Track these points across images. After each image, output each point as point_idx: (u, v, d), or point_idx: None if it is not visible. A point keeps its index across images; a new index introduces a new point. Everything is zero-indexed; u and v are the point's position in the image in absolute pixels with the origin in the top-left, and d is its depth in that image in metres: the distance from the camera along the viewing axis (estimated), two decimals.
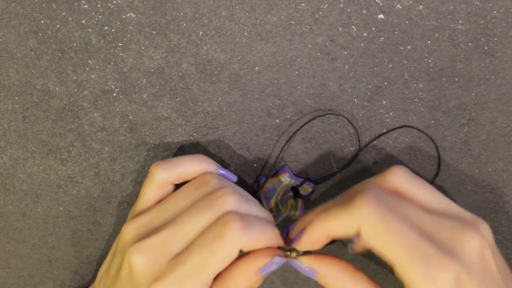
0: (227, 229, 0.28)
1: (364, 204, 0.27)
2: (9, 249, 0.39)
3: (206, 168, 0.33)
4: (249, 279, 0.29)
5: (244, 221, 0.29)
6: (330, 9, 0.34)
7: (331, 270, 0.30)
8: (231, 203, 0.30)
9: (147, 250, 0.30)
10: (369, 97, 0.36)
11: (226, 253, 0.28)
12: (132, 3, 0.34)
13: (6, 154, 0.37)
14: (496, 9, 0.34)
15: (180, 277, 0.28)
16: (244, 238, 0.28)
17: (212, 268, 0.28)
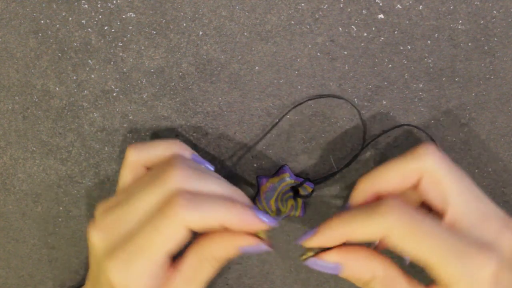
0: (170, 207, 0.28)
1: (390, 210, 0.27)
2: (9, 249, 0.39)
3: (179, 153, 0.32)
4: (227, 252, 0.29)
5: (189, 198, 0.28)
6: (330, 9, 0.34)
7: (358, 261, 0.29)
8: (178, 179, 0.29)
9: (103, 227, 0.30)
10: (369, 97, 0.36)
11: (170, 231, 0.28)
12: (132, 3, 0.34)
13: (6, 154, 0.37)
14: (496, 9, 0.34)
15: (129, 255, 0.28)
16: (189, 216, 0.28)
17: (159, 246, 0.28)
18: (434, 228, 0.27)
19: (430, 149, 0.28)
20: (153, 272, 0.29)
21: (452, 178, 0.28)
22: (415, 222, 0.27)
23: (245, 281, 0.39)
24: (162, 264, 0.29)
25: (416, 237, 0.26)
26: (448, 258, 0.26)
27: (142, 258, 0.28)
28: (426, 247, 0.26)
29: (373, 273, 0.29)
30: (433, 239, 0.26)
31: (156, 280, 0.29)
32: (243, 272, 0.39)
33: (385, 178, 0.29)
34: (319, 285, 0.39)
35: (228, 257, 0.30)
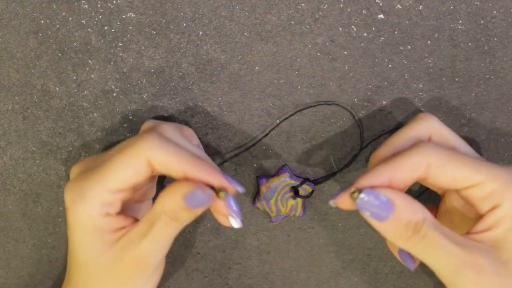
0: (139, 138, 0.29)
1: (426, 144, 0.28)
2: (9, 249, 0.39)
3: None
4: (174, 201, 0.28)
5: (162, 137, 0.29)
6: (330, 9, 0.34)
7: (410, 200, 0.28)
8: (160, 128, 0.30)
9: (84, 161, 0.32)
10: (369, 97, 0.36)
11: (132, 155, 0.28)
12: (132, 3, 0.34)
13: (6, 154, 0.37)
14: (496, 9, 0.34)
15: (87, 177, 0.29)
16: (153, 149, 0.28)
17: (116, 168, 0.28)
18: (468, 155, 0.29)
19: (429, 114, 0.32)
20: (105, 200, 0.29)
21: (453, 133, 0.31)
22: (451, 149, 0.29)
23: (245, 281, 0.39)
24: (116, 196, 0.29)
25: (458, 158, 0.28)
26: (492, 168, 0.28)
27: (97, 180, 0.29)
28: (470, 165, 0.28)
29: (423, 214, 0.27)
30: (473, 159, 0.28)
31: (106, 210, 0.29)
32: (243, 272, 0.39)
33: (399, 143, 0.31)
34: (319, 285, 0.39)
35: (176, 211, 0.29)
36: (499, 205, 0.28)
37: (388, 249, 0.38)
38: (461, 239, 0.27)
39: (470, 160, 0.28)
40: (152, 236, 0.29)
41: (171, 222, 0.29)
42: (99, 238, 0.29)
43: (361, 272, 0.39)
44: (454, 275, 0.27)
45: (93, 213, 0.29)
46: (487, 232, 0.28)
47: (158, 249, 0.30)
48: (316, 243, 0.38)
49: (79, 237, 0.29)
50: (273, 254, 0.39)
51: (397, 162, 0.28)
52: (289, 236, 0.38)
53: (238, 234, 0.38)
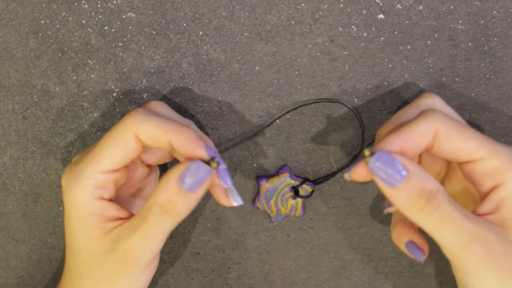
0: (127, 115, 0.29)
1: (434, 111, 0.28)
2: (9, 249, 0.39)
3: None
4: (168, 187, 0.28)
5: (147, 111, 0.29)
6: (330, 9, 0.34)
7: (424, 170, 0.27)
8: (149, 105, 0.31)
9: (82, 151, 0.32)
10: (369, 97, 0.36)
11: (119, 131, 0.29)
12: (132, 3, 0.34)
13: (6, 154, 0.37)
14: (496, 9, 0.34)
15: (81, 160, 0.30)
16: (138, 122, 0.28)
17: (106, 147, 0.29)
18: (472, 130, 0.29)
19: (433, 94, 0.32)
20: (99, 182, 0.29)
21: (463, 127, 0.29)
22: (457, 122, 0.28)
23: (245, 281, 0.39)
24: (109, 177, 0.29)
25: (464, 129, 0.28)
26: (496, 145, 0.28)
27: (90, 162, 0.29)
28: (475, 138, 0.28)
29: (437, 184, 0.27)
30: (478, 134, 0.28)
31: (100, 193, 0.29)
32: (243, 272, 0.39)
33: (405, 117, 0.30)
34: (319, 285, 0.39)
35: (171, 199, 0.28)
36: (501, 184, 0.27)
37: (388, 249, 0.38)
38: (472, 215, 0.27)
39: (475, 134, 0.28)
40: (143, 231, 0.28)
41: (163, 215, 0.28)
42: (92, 224, 0.29)
43: (361, 272, 0.39)
44: (464, 250, 0.26)
45: (87, 194, 0.29)
46: (492, 214, 0.27)
47: (148, 246, 0.29)
48: (316, 243, 0.38)
49: (74, 221, 0.30)
50: (273, 254, 0.39)
51: (407, 130, 0.28)
52: (289, 236, 0.38)
53: (238, 234, 0.38)
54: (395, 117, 0.31)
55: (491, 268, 0.26)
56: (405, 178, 0.26)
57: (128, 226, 0.29)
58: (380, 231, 0.38)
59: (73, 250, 0.30)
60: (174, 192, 0.28)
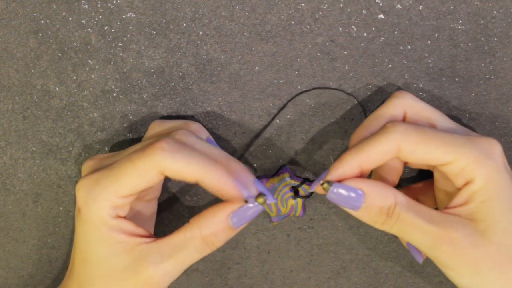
0: (151, 147, 0.28)
1: (397, 125, 0.29)
2: (9, 249, 0.39)
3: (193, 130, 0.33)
4: (217, 223, 0.28)
5: (173, 145, 0.28)
6: (330, 9, 0.34)
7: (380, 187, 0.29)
8: (177, 134, 0.30)
9: (96, 158, 0.32)
10: (369, 97, 0.36)
11: (144, 167, 0.28)
12: (132, 3, 0.34)
13: (6, 154, 0.37)
14: (496, 9, 0.34)
15: (100, 178, 0.29)
16: (165, 159, 0.28)
17: (128, 177, 0.28)
18: (439, 131, 0.29)
19: (404, 92, 0.33)
20: (116, 204, 0.29)
21: (428, 106, 0.32)
22: (421, 129, 0.29)
23: (245, 281, 0.39)
24: (126, 200, 0.29)
25: (428, 140, 0.28)
26: (462, 148, 0.28)
27: (109, 186, 0.29)
28: (439, 146, 0.28)
29: (395, 198, 0.29)
30: (444, 137, 0.29)
31: (116, 212, 0.29)
32: (243, 272, 0.39)
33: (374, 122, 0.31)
34: (319, 285, 0.39)
35: (217, 233, 0.29)
36: (471, 180, 0.28)
37: (388, 249, 0.38)
38: (437, 215, 0.28)
39: (441, 139, 0.28)
40: (177, 260, 0.29)
41: (204, 248, 0.29)
42: (110, 237, 0.29)
43: (361, 272, 0.39)
44: (432, 251, 0.28)
45: (104, 214, 0.29)
46: (462, 206, 0.29)
47: (175, 274, 0.29)
48: (316, 243, 0.38)
49: (91, 232, 0.29)
50: (273, 254, 0.39)
51: (366, 149, 0.29)
52: (289, 236, 0.38)
53: (238, 234, 0.38)
54: (365, 123, 0.32)
55: (460, 262, 0.28)
56: (363, 201, 0.28)
57: (158, 252, 0.29)
58: (380, 231, 0.38)
59: (88, 261, 0.30)
60: (221, 228, 0.29)
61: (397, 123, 0.29)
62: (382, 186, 0.29)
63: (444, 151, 0.28)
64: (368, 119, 0.32)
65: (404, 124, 0.29)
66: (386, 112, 0.32)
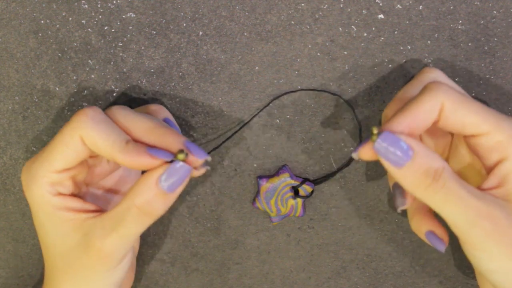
0: (76, 113, 0.29)
1: (439, 85, 0.28)
2: (9, 249, 0.39)
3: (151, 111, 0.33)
4: (148, 189, 0.28)
5: (98, 115, 0.29)
6: (330, 9, 0.34)
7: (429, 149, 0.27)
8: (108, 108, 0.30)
9: None
10: (369, 97, 0.36)
11: (68, 133, 0.29)
12: (132, 3, 0.34)
13: (6, 154, 0.37)
14: (496, 9, 0.34)
15: (35, 158, 0.30)
16: (86, 125, 0.28)
17: (57, 148, 0.29)
18: (480, 103, 0.28)
19: (434, 68, 0.32)
20: (53, 180, 0.29)
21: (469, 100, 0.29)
22: (464, 94, 0.28)
23: (245, 281, 0.39)
24: (63, 175, 0.29)
25: (469, 103, 0.28)
26: (502, 120, 0.28)
27: (43, 161, 0.29)
28: (479, 113, 0.27)
29: (443, 163, 0.27)
30: (483, 107, 0.28)
31: (57, 189, 0.30)
32: (243, 272, 0.39)
33: (408, 94, 0.31)
34: (319, 285, 0.39)
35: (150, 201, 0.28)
36: (505, 158, 0.27)
37: (388, 249, 0.38)
38: (477, 191, 0.27)
39: (480, 108, 0.28)
40: (119, 233, 0.28)
41: (142, 217, 0.28)
42: (60, 218, 0.29)
43: (361, 272, 0.39)
44: (470, 226, 0.27)
45: (44, 192, 0.29)
46: (497, 188, 0.28)
47: (123, 246, 0.29)
48: (316, 243, 0.38)
49: (41, 218, 0.30)
50: (273, 254, 0.39)
51: (413, 108, 0.28)
52: (289, 236, 0.38)
53: (238, 234, 0.38)
54: (400, 95, 0.32)
55: (497, 242, 0.27)
56: (411, 158, 0.27)
57: (102, 227, 0.29)
58: (380, 231, 0.38)
59: (47, 245, 0.31)
60: (153, 194, 0.28)
61: (439, 82, 0.28)
62: (431, 149, 0.28)
63: (484, 119, 0.27)
64: (400, 93, 0.32)
65: (447, 85, 0.28)
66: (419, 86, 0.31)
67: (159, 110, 0.33)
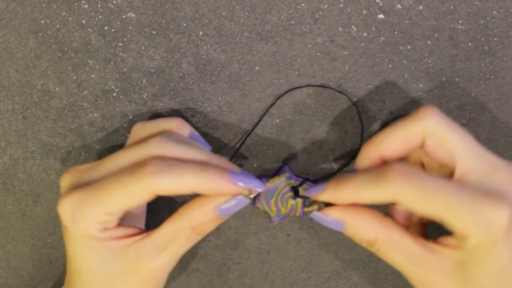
0: (140, 171, 0.28)
1: (397, 175, 0.27)
2: (9, 249, 0.39)
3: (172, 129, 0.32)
4: (205, 214, 0.29)
5: (161, 165, 0.28)
6: (330, 9, 0.34)
7: (361, 221, 0.29)
8: (155, 146, 0.29)
9: (73, 172, 0.31)
10: (369, 97, 0.36)
11: (135, 190, 0.28)
12: (132, 3, 0.34)
13: (6, 154, 0.37)
14: (496, 9, 0.34)
15: (84, 196, 0.29)
16: (156, 183, 0.28)
17: (118, 199, 0.28)
18: (443, 185, 0.27)
19: (430, 110, 0.28)
20: (104, 220, 0.29)
21: (456, 135, 0.28)
22: (423, 184, 0.26)
23: (245, 281, 0.39)
24: (115, 216, 0.29)
25: (426, 198, 0.26)
26: (461, 211, 0.26)
27: (96, 204, 0.28)
28: (438, 205, 0.26)
29: (375, 235, 0.29)
30: (444, 196, 0.26)
31: (105, 226, 0.29)
32: (243, 272, 0.39)
33: (388, 142, 0.29)
34: (319, 285, 0.39)
35: (205, 223, 0.29)
36: (465, 244, 0.27)
37: None
38: (419, 252, 0.28)
39: (440, 198, 0.26)
40: (171, 251, 0.30)
41: (194, 236, 0.30)
42: (102, 248, 0.29)
43: (361, 272, 0.39)
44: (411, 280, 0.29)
45: (92, 230, 0.29)
46: (452, 249, 0.28)
47: (172, 263, 0.30)
48: (316, 243, 0.38)
49: (82, 248, 0.29)
50: (273, 254, 0.39)
51: (360, 189, 0.28)
52: (289, 236, 0.38)
53: (238, 234, 0.38)
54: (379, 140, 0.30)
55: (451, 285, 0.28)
56: (344, 228, 0.30)
57: (152, 247, 0.29)
58: None
59: (81, 273, 0.30)
60: (210, 219, 0.29)
61: (399, 172, 0.27)
62: (366, 219, 0.29)
63: (442, 214, 0.26)
64: (382, 138, 0.30)
65: (407, 175, 0.27)
66: (404, 135, 0.29)
67: (182, 125, 0.33)
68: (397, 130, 0.29)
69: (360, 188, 0.28)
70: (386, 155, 0.30)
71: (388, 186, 0.27)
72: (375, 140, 0.30)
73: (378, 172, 0.28)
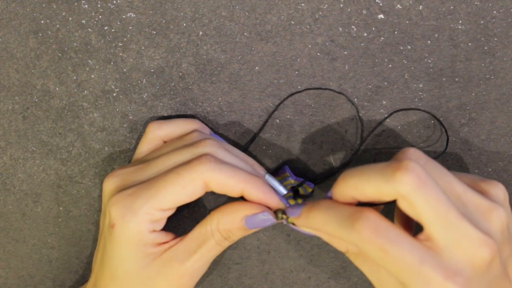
0: (197, 161, 0.29)
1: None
2: (9, 249, 0.39)
3: (198, 129, 0.34)
4: (232, 222, 0.30)
5: (217, 160, 0.29)
6: (330, 9, 0.34)
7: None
8: (208, 147, 0.30)
9: (119, 174, 0.31)
10: (369, 97, 0.36)
11: (190, 177, 0.29)
12: (132, 3, 0.34)
13: (6, 154, 0.37)
14: (496, 9, 0.34)
15: (136, 192, 0.29)
16: (211, 172, 0.29)
17: (172, 189, 0.29)
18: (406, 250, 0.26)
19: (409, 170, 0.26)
20: (155, 218, 0.29)
21: (429, 203, 0.26)
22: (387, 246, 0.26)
23: (245, 281, 0.39)
24: (165, 214, 0.30)
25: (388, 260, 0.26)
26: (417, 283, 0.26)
27: (150, 198, 0.29)
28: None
29: (346, 248, 0.30)
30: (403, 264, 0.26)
31: (154, 227, 0.29)
32: (243, 272, 0.39)
33: (362, 190, 0.27)
34: (319, 285, 0.39)
35: (232, 230, 0.30)
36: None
37: None
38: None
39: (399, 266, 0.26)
40: (201, 254, 0.30)
41: (224, 241, 0.31)
42: (144, 252, 0.30)
43: (361, 272, 0.39)
44: None
45: (143, 228, 0.29)
46: None
47: (204, 267, 0.31)
48: (316, 243, 0.38)
49: (124, 250, 0.30)
50: (273, 254, 0.39)
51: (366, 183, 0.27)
52: (289, 236, 0.38)
53: None
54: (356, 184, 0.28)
55: None
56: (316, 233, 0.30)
57: (184, 250, 0.30)
58: None
59: (116, 275, 0.30)
60: (237, 227, 0.30)
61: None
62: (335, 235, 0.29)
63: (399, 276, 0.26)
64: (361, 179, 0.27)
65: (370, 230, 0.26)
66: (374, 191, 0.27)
67: (202, 126, 0.34)
68: (372, 183, 0.27)
69: (329, 225, 0.28)
70: (359, 199, 0.28)
71: (354, 235, 0.26)
72: (350, 181, 0.28)
73: (348, 216, 0.27)
